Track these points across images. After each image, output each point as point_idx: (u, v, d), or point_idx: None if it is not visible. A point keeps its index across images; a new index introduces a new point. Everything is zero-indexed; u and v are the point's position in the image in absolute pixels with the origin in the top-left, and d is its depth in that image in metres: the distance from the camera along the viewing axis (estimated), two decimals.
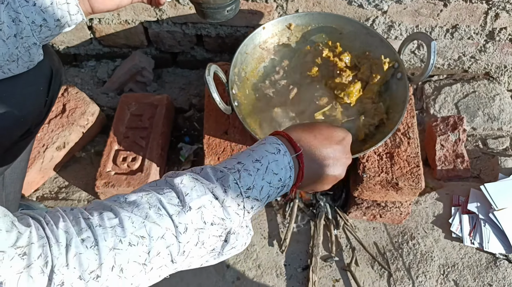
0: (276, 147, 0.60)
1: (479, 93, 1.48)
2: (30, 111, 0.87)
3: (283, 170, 0.60)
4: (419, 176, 1.07)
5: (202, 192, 0.55)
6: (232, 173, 0.57)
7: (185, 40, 1.46)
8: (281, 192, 0.62)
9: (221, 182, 0.56)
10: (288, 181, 0.61)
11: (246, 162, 0.59)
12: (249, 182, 0.57)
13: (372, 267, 1.19)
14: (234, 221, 0.56)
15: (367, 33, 1.14)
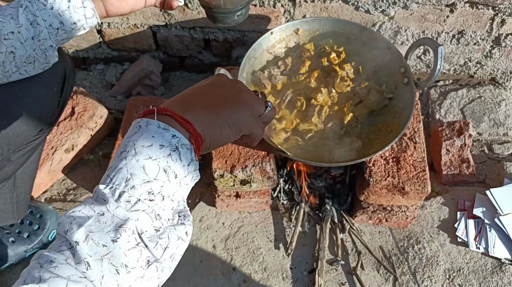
0: (136, 126, 0.52)
1: (485, 99, 1.49)
2: (44, 112, 0.90)
3: (156, 136, 0.50)
4: (425, 180, 1.07)
5: (83, 220, 0.47)
6: (103, 183, 0.49)
7: (193, 44, 1.47)
8: (181, 155, 0.51)
9: (96, 196, 0.49)
10: (177, 141, 0.51)
11: (112, 163, 0.51)
12: (123, 174, 0.49)
13: (378, 271, 1.19)
14: (136, 219, 0.47)
15: (373, 39, 1.15)
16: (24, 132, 0.87)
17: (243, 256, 1.21)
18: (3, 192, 1.01)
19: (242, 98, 0.60)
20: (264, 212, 1.29)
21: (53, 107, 0.92)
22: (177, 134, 0.51)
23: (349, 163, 1.01)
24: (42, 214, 1.19)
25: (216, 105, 0.57)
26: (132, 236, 0.47)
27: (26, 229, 1.16)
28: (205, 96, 0.58)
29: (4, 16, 0.73)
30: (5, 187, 1.00)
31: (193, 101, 0.57)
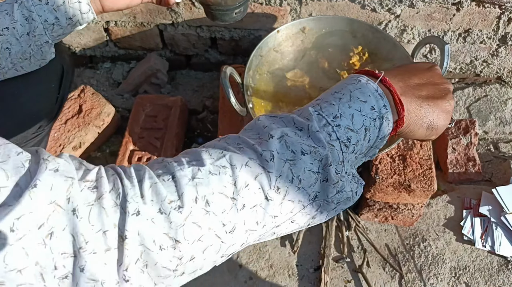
0: (355, 79, 0.52)
1: (491, 97, 1.49)
2: (42, 108, 0.89)
3: (372, 97, 0.50)
4: (432, 178, 1.08)
5: (281, 124, 0.49)
6: (311, 106, 0.50)
7: (200, 43, 1.48)
8: (382, 126, 0.51)
9: (300, 113, 0.50)
10: (385, 112, 0.51)
11: (323, 96, 0.52)
12: (334, 110, 0.49)
13: (384, 269, 1.20)
14: (329, 151, 0.47)
15: (380, 37, 1.16)
16: (23, 129, 0.87)
17: (249, 253, 1.22)
18: None
19: (449, 105, 0.57)
20: None
21: (51, 104, 0.91)
22: (388, 107, 0.51)
23: None
24: None
25: (427, 103, 0.55)
26: (317, 163, 0.47)
27: None
28: (422, 88, 0.56)
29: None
30: None
31: (412, 88, 0.56)
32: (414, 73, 0.58)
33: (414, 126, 0.55)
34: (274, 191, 0.45)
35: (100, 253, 0.39)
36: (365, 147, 0.51)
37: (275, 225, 0.47)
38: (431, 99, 0.55)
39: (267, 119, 0.50)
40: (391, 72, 0.57)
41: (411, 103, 0.54)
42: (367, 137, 0.50)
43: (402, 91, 0.54)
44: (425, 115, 0.55)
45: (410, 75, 0.57)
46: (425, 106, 0.55)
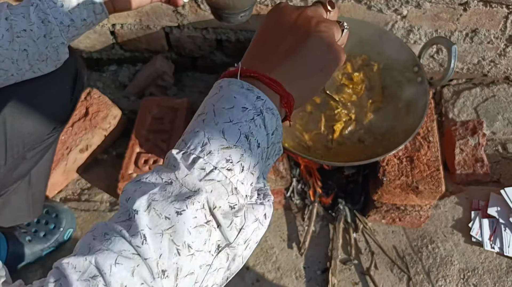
0: (216, 87, 0.46)
1: (499, 98, 1.47)
2: (57, 110, 0.91)
3: (238, 97, 0.43)
4: (440, 179, 1.07)
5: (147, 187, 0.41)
6: (175, 147, 0.43)
7: (205, 45, 1.48)
8: (265, 120, 0.44)
9: (167, 162, 0.43)
10: (261, 104, 0.43)
11: (189, 126, 0.45)
12: (199, 139, 0.42)
13: (391, 271, 1.19)
14: (210, 190, 0.40)
15: (386, 38, 1.15)
16: (38, 130, 0.88)
17: (256, 256, 1.22)
18: (18, 191, 1.02)
19: (319, 30, 0.48)
20: (277, 211, 1.29)
21: (66, 105, 0.93)
22: (262, 96, 0.44)
23: (363, 162, 1.01)
24: (57, 213, 1.20)
25: (296, 50, 0.47)
26: (202, 211, 0.39)
27: (43, 228, 1.18)
28: (281, 43, 0.48)
29: (16, 14, 0.75)
30: (21, 186, 1.02)
31: (273, 53, 0.48)
32: (273, 34, 0.49)
33: (305, 83, 0.48)
34: (160, 278, 0.38)
35: None
36: (259, 152, 0.44)
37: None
38: (300, 45, 0.47)
39: (131, 187, 0.41)
40: (250, 52, 0.50)
41: (284, 69, 0.46)
42: (253, 142, 0.43)
43: (267, 67, 0.46)
44: (304, 65, 0.47)
45: (269, 40, 0.49)
46: (298, 59, 0.47)
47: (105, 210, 1.29)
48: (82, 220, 1.27)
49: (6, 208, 1.04)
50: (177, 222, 0.38)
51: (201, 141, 0.41)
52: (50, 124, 0.91)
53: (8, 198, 1.01)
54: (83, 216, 1.27)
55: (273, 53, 0.48)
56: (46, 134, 0.92)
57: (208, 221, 0.39)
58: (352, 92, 1.12)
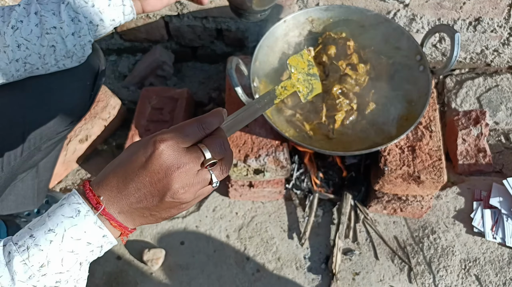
0: (75, 208, 0.50)
1: (502, 87, 1.46)
2: (77, 105, 0.92)
3: (88, 232, 0.50)
4: (441, 169, 1.06)
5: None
6: (20, 253, 0.49)
7: (205, 34, 1.47)
8: (102, 250, 0.53)
9: (9, 267, 0.49)
10: (105, 241, 0.52)
11: (38, 235, 0.49)
12: (41, 258, 0.49)
13: (393, 261, 1.18)
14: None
15: (388, 26, 1.14)
16: (56, 124, 0.89)
17: (257, 246, 1.21)
18: (26, 179, 1.03)
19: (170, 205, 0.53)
20: (278, 201, 1.28)
21: (85, 101, 0.93)
22: (108, 235, 0.52)
23: (363, 151, 1.00)
24: None
25: (149, 207, 0.52)
26: None
27: None
28: (141, 200, 0.52)
29: (46, 11, 0.75)
30: (29, 174, 1.03)
31: (130, 203, 0.52)
32: (132, 182, 0.51)
33: (148, 223, 0.56)
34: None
35: None
36: (88, 264, 0.53)
37: None
38: (152, 209, 0.53)
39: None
40: (111, 190, 0.52)
41: (133, 216, 0.53)
42: (84, 265, 0.52)
43: (119, 208, 0.52)
44: (152, 217, 0.54)
45: (128, 185, 0.51)
46: (148, 210, 0.53)
47: None
48: None
49: (12, 195, 1.04)
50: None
51: (41, 262, 0.49)
52: (68, 118, 0.91)
53: (14, 185, 1.02)
54: None
55: (131, 202, 0.52)
56: (63, 127, 0.93)
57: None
58: (355, 83, 1.11)
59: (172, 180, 0.50)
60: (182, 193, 0.51)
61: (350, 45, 1.15)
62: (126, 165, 0.52)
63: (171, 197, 0.51)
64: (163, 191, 0.51)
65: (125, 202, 0.52)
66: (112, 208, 0.52)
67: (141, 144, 0.52)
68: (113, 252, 1.20)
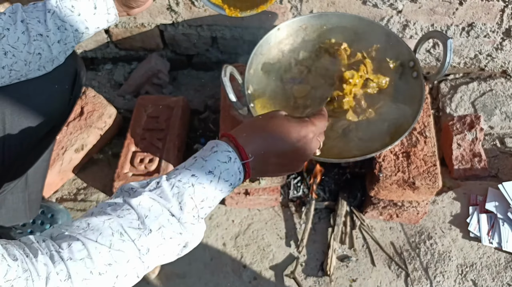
0: (227, 155, 0.63)
1: (496, 92, 1.47)
2: (56, 109, 0.91)
3: (234, 176, 0.63)
4: (436, 175, 1.06)
5: (159, 212, 0.58)
6: (187, 188, 0.60)
7: (200, 42, 1.47)
8: (232, 190, 0.66)
9: (176, 199, 0.59)
10: (238, 183, 0.65)
11: (199, 175, 0.61)
12: (203, 195, 0.61)
13: (389, 267, 1.18)
14: (191, 230, 0.61)
15: (382, 33, 1.14)
16: (37, 130, 0.88)
17: (253, 254, 1.21)
18: (15, 191, 1.02)
19: (303, 159, 0.71)
20: (274, 209, 1.28)
21: (65, 105, 0.93)
22: (241, 179, 0.65)
23: (358, 158, 1.01)
24: (53, 214, 1.20)
25: (281, 167, 0.70)
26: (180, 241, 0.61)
27: (38, 228, 1.17)
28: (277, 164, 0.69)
29: (31, 18, 0.77)
30: (18, 186, 1.01)
31: (268, 165, 0.68)
32: (277, 150, 0.67)
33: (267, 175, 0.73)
34: (144, 270, 0.59)
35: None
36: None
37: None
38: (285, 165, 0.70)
39: (147, 203, 0.58)
40: (257, 146, 0.66)
41: (256, 174, 0.69)
42: (218, 202, 0.65)
43: (257, 167, 0.67)
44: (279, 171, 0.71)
45: (272, 152, 0.67)
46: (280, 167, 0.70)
47: None
48: None
49: (3, 208, 1.03)
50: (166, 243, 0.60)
51: (203, 196, 0.62)
52: (49, 123, 0.91)
53: (4, 197, 1.01)
54: (79, 215, 1.27)
55: (269, 165, 0.68)
56: (45, 133, 0.92)
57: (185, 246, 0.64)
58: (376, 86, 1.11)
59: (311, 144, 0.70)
60: (310, 153, 0.70)
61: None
62: (280, 132, 0.67)
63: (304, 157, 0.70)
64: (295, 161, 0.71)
65: (263, 161, 0.67)
66: (251, 162, 0.65)
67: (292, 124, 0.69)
68: None
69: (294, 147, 0.68)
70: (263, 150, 0.66)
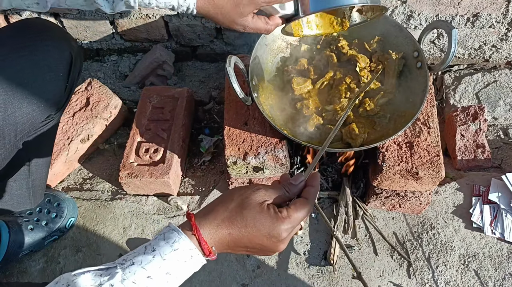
0: (189, 254, 0.59)
1: (501, 83, 1.46)
2: (50, 97, 0.90)
3: (193, 268, 0.61)
4: (439, 165, 1.06)
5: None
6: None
7: (205, 34, 1.48)
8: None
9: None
10: (196, 269, 0.62)
11: (156, 276, 0.57)
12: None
13: (392, 257, 1.19)
14: None
15: (386, 23, 1.14)
16: (31, 119, 0.87)
17: None
18: (18, 178, 1.03)
19: (273, 253, 0.66)
20: None
21: (60, 92, 0.92)
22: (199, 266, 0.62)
23: (361, 148, 1.01)
24: (59, 203, 1.21)
25: (249, 253, 0.66)
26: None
27: (44, 217, 1.19)
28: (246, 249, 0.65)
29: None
30: (20, 173, 1.02)
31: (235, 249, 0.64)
32: (246, 246, 0.63)
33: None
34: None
35: None
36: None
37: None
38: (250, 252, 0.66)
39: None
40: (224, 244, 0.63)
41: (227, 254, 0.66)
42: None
43: (222, 250, 0.64)
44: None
45: (240, 246, 0.64)
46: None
47: (106, 199, 1.30)
48: (84, 209, 1.28)
49: (6, 195, 1.04)
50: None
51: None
52: (45, 111, 0.90)
53: (8, 184, 1.02)
54: (85, 205, 1.28)
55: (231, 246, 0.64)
56: (40, 122, 0.92)
57: None
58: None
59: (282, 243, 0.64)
60: (282, 248, 0.65)
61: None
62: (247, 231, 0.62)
63: (274, 251, 0.65)
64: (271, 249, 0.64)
65: (229, 249, 0.64)
66: (217, 250, 0.63)
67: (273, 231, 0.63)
68: (115, 249, 1.22)
69: (262, 245, 0.63)
70: (230, 242, 0.62)
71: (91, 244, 1.22)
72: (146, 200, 1.29)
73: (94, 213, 1.27)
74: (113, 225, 1.25)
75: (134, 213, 1.27)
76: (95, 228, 1.25)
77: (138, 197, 1.30)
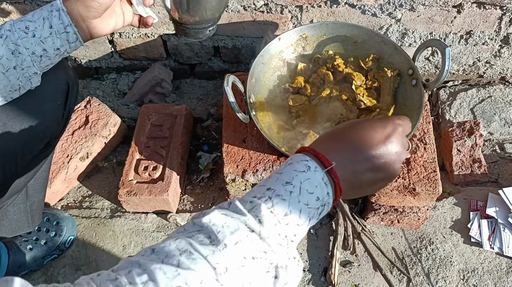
0: (304, 164, 0.54)
1: (495, 98, 1.48)
2: (49, 126, 0.90)
3: (318, 187, 0.54)
4: (436, 181, 1.08)
5: (235, 227, 0.49)
6: (263, 202, 0.51)
7: (203, 52, 1.50)
8: (323, 212, 0.56)
9: (253, 213, 0.51)
10: (327, 199, 0.55)
11: (276, 187, 0.53)
12: (285, 208, 0.52)
13: (391, 273, 1.19)
14: (278, 253, 0.50)
15: (381, 41, 1.16)
16: (30, 148, 0.88)
17: None
18: (16, 203, 1.03)
19: (397, 167, 0.60)
20: None
21: (58, 121, 0.92)
22: (330, 194, 0.55)
23: None
24: (58, 221, 1.22)
25: (375, 174, 0.59)
26: (267, 265, 0.49)
27: (43, 236, 1.19)
28: (366, 175, 0.58)
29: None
30: (18, 198, 1.02)
31: (356, 175, 0.57)
32: (365, 155, 0.57)
33: (357, 194, 0.62)
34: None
35: None
36: (306, 230, 0.55)
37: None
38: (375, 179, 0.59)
39: (219, 220, 0.50)
40: (341, 154, 0.57)
41: (350, 190, 0.58)
42: (309, 226, 0.55)
43: (345, 177, 0.56)
44: (369, 189, 0.61)
45: (359, 158, 0.57)
46: (368, 184, 0.59)
47: (106, 217, 1.30)
48: (83, 227, 1.28)
49: (5, 220, 1.04)
50: (250, 264, 0.49)
51: (285, 210, 0.52)
52: (43, 140, 0.91)
53: (6, 210, 1.02)
54: (84, 223, 1.29)
55: (357, 173, 0.57)
56: (39, 149, 0.92)
57: (268, 271, 0.50)
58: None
59: (400, 158, 0.59)
60: (398, 168, 0.60)
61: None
62: (362, 136, 0.58)
63: (393, 173, 0.59)
64: (389, 165, 0.58)
65: (351, 170, 0.57)
66: (338, 172, 0.55)
67: (377, 124, 0.60)
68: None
69: (383, 146, 0.58)
70: (348, 156, 0.57)
71: (91, 262, 1.22)
72: (145, 217, 1.30)
73: (94, 231, 1.27)
74: (113, 243, 1.25)
75: (133, 231, 1.27)
76: (94, 246, 1.25)
77: (137, 215, 1.30)
